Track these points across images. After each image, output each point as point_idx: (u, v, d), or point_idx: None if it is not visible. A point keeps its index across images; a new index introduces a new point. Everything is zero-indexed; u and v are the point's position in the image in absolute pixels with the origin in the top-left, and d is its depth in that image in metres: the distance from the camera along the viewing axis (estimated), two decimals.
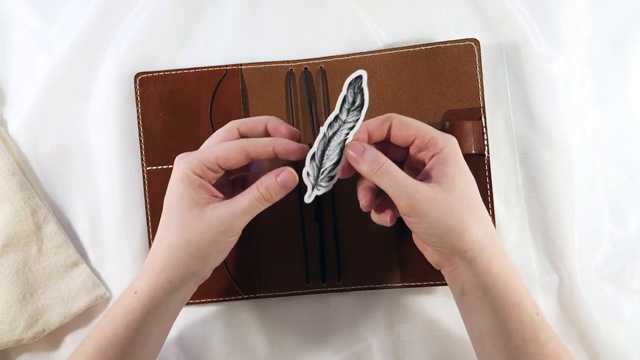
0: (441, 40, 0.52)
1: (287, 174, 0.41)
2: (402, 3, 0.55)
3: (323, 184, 0.43)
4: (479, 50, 0.52)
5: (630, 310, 0.53)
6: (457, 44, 0.52)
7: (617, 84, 0.55)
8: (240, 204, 0.41)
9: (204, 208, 0.41)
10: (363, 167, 0.41)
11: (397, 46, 0.53)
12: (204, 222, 0.41)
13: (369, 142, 0.43)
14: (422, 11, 0.55)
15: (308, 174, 0.43)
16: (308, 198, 0.43)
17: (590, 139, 0.54)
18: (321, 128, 0.42)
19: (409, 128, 0.43)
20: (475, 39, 0.52)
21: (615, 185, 0.54)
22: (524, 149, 0.53)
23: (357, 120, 0.42)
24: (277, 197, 0.42)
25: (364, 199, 0.44)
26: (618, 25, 0.55)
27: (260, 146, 0.42)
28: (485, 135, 0.51)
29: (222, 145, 0.42)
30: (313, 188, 0.43)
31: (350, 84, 0.42)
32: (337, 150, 0.42)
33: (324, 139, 0.42)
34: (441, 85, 0.52)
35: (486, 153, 0.51)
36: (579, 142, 0.53)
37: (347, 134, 0.42)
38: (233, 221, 0.41)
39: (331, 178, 0.43)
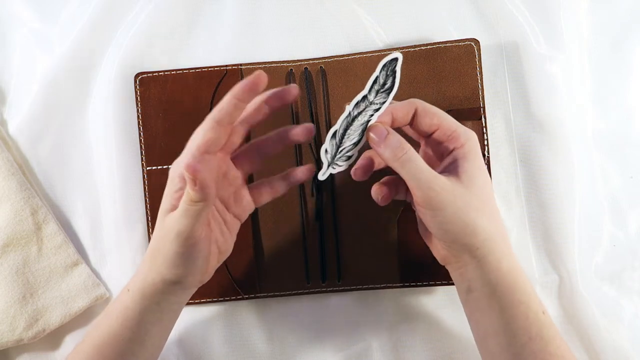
0: (441, 40, 0.52)
1: (188, 169, 0.38)
2: (401, 3, 0.55)
3: (339, 162, 0.43)
4: (479, 50, 0.52)
5: (630, 310, 0.53)
6: (457, 44, 0.52)
7: (617, 83, 0.55)
8: (178, 209, 0.40)
9: (166, 215, 0.41)
10: (385, 152, 0.40)
11: (397, 46, 0.53)
12: (162, 230, 0.41)
13: (392, 126, 0.42)
14: (422, 11, 0.55)
15: (326, 151, 0.42)
16: (322, 175, 0.43)
17: (590, 139, 0.54)
18: (347, 106, 0.42)
19: (433, 117, 0.42)
20: (475, 39, 0.52)
21: (615, 185, 0.54)
22: (524, 149, 0.53)
23: (383, 102, 0.41)
24: (197, 196, 0.38)
25: (380, 193, 0.43)
26: (618, 25, 0.55)
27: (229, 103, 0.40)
28: (485, 135, 0.51)
29: (197, 130, 0.41)
30: (329, 166, 0.43)
31: (384, 65, 0.41)
32: (359, 131, 0.42)
33: (348, 118, 0.42)
34: (441, 85, 0.52)
35: (486, 153, 0.51)
36: (579, 142, 0.53)
37: (372, 115, 0.42)
38: (175, 227, 0.39)
39: (348, 158, 0.43)
